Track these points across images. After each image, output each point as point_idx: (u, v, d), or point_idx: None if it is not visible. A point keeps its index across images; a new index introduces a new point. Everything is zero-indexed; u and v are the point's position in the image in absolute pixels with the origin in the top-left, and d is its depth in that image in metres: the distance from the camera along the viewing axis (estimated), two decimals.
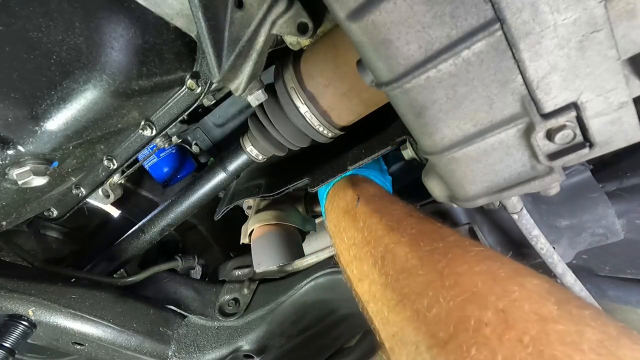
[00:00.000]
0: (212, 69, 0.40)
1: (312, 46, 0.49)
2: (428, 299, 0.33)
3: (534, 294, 0.29)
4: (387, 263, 0.39)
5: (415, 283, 0.35)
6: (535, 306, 0.28)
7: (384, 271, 0.39)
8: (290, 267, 0.76)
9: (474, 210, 0.70)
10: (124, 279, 0.74)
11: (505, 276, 0.32)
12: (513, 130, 0.33)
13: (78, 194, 0.64)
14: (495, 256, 0.35)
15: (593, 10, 0.27)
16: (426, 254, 0.37)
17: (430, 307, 0.32)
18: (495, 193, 0.38)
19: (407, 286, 0.35)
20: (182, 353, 0.72)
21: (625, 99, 0.30)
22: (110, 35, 0.40)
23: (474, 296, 0.31)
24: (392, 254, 0.39)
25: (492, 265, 0.33)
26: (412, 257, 0.37)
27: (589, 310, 0.28)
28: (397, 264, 0.38)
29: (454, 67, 0.31)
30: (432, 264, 0.35)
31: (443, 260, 0.35)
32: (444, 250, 0.36)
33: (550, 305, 0.28)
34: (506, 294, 0.30)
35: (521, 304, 0.29)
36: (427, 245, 0.37)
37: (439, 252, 0.36)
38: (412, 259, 0.37)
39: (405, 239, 0.39)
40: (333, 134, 0.56)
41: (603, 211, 0.64)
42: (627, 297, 0.75)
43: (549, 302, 0.29)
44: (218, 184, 0.68)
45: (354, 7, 0.30)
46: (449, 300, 0.31)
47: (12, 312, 0.60)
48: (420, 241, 0.38)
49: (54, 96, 0.42)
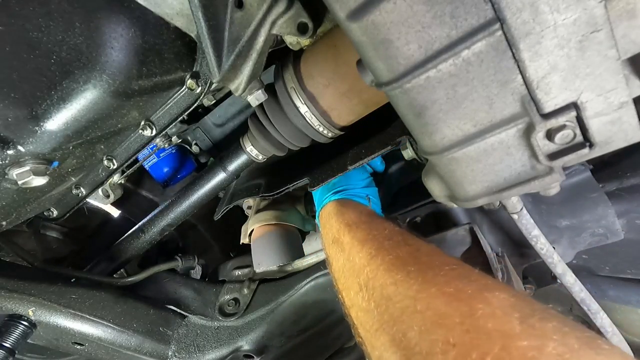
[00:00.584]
0: (212, 69, 0.40)
1: (312, 46, 0.49)
2: (403, 325, 0.35)
3: (498, 310, 0.31)
4: (369, 290, 0.42)
5: (393, 309, 0.37)
6: (499, 323, 0.30)
7: (366, 298, 0.42)
8: (290, 267, 0.76)
9: (474, 210, 0.70)
10: (124, 279, 0.74)
11: (471, 294, 0.33)
12: (513, 130, 0.33)
13: (78, 194, 0.64)
14: (465, 273, 0.37)
15: (593, 10, 0.27)
16: (401, 280, 0.39)
17: (404, 332, 0.34)
18: (495, 193, 0.38)
19: (386, 312, 0.38)
20: (182, 353, 0.72)
21: (625, 99, 0.30)
22: (110, 35, 0.40)
23: (442, 318, 0.32)
24: (372, 281, 0.42)
25: (459, 285, 0.35)
26: (389, 284, 0.39)
27: (553, 323, 0.29)
28: (377, 292, 0.40)
29: (454, 67, 0.31)
30: (406, 290, 0.37)
31: (415, 285, 0.37)
32: (416, 274, 0.38)
33: (514, 321, 0.30)
34: (471, 313, 0.31)
35: (485, 322, 0.30)
36: (402, 272, 0.40)
37: (412, 277, 0.38)
38: (389, 286, 0.39)
39: (383, 267, 0.42)
40: (333, 134, 0.56)
41: (603, 211, 0.64)
42: (627, 297, 0.75)
43: (512, 317, 0.30)
44: (218, 184, 0.68)
45: (354, 7, 0.30)
46: (421, 325, 0.33)
47: (12, 312, 0.60)
48: (395, 267, 0.41)
49: (54, 96, 0.42)
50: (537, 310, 0.31)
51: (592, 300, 0.60)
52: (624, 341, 0.65)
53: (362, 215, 0.53)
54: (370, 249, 0.45)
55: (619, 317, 0.77)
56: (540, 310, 0.31)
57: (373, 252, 0.45)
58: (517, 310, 0.30)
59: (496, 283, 0.35)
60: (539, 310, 0.31)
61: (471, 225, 0.60)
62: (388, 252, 0.43)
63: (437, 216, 0.73)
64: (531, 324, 0.29)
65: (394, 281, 0.39)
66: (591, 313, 0.61)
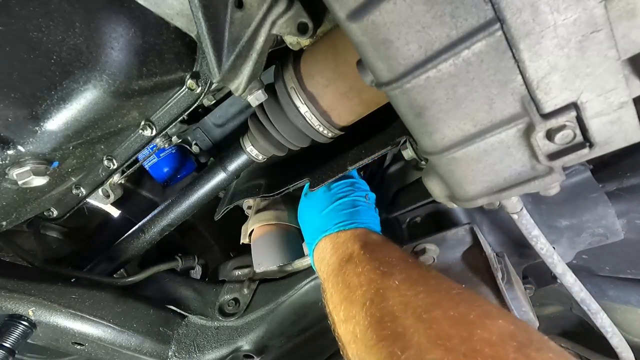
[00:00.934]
0: (212, 69, 0.40)
1: (312, 46, 0.49)
2: (403, 342, 0.35)
3: (495, 337, 0.32)
4: (375, 305, 0.42)
5: (395, 325, 0.38)
6: (495, 349, 0.31)
7: (369, 313, 0.42)
8: (290, 267, 0.76)
9: (474, 210, 0.70)
10: (124, 279, 0.74)
11: (473, 319, 0.34)
12: (513, 130, 0.33)
13: (78, 194, 0.64)
14: (470, 299, 0.38)
15: (593, 10, 0.27)
16: (410, 299, 0.40)
17: (404, 349, 0.35)
18: (495, 193, 0.38)
19: (388, 328, 0.38)
20: (182, 353, 0.72)
21: (625, 99, 0.30)
22: (110, 35, 0.40)
23: (442, 340, 0.33)
24: (381, 297, 0.42)
25: (464, 310, 0.36)
26: (398, 301, 0.40)
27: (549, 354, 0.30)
28: (384, 307, 0.41)
29: (454, 67, 0.31)
30: (412, 309, 0.38)
31: (422, 305, 0.38)
32: (425, 295, 0.39)
33: (509, 349, 0.31)
34: (470, 338, 0.32)
35: (482, 347, 0.31)
36: (411, 290, 0.40)
37: (420, 297, 0.39)
38: (397, 304, 0.40)
39: (394, 285, 0.42)
40: (333, 134, 0.56)
41: (603, 211, 0.64)
42: (627, 297, 0.75)
43: (509, 345, 0.31)
44: (218, 184, 0.68)
45: (354, 7, 0.30)
46: (421, 344, 0.34)
47: (12, 312, 0.60)
48: (406, 286, 0.41)
49: (54, 96, 0.42)
50: (535, 341, 0.32)
51: (592, 300, 0.60)
52: (624, 341, 0.65)
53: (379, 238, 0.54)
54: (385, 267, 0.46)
55: (619, 317, 0.77)
56: (539, 341, 0.32)
57: (387, 270, 0.45)
58: (515, 339, 0.32)
59: (500, 311, 0.36)
60: (537, 342, 0.32)
61: (471, 225, 0.60)
62: (401, 271, 0.44)
63: (437, 216, 0.73)
64: (526, 354, 0.30)
65: (403, 300, 0.40)
66: (591, 313, 0.61)
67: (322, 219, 0.59)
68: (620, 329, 0.64)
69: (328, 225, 0.57)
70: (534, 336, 0.33)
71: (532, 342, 0.31)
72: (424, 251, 0.59)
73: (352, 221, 0.56)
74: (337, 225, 0.56)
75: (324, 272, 0.55)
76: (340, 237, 0.55)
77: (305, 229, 0.64)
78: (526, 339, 0.32)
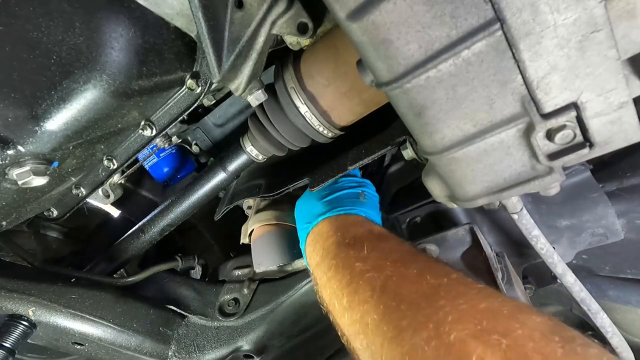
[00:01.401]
0: (212, 69, 0.40)
1: (312, 46, 0.49)
2: (428, 332, 0.32)
3: (537, 332, 0.30)
4: (387, 293, 0.38)
5: (416, 314, 0.35)
6: (539, 345, 0.28)
7: (382, 301, 0.38)
8: (290, 267, 0.76)
9: (474, 210, 0.70)
10: (124, 279, 0.74)
11: (507, 314, 0.32)
12: (513, 130, 0.33)
13: (78, 194, 0.64)
14: (497, 295, 0.35)
15: (593, 10, 0.27)
16: (430, 288, 0.37)
17: (429, 340, 0.32)
18: (495, 193, 0.38)
19: (406, 318, 0.35)
20: (182, 353, 0.72)
21: (625, 99, 0.30)
22: (111, 35, 0.40)
23: (477, 332, 0.30)
24: (395, 284, 0.39)
25: (494, 303, 0.33)
26: (417, 289, 0.37)
27: (594, 349, 0.28)
28: (399, 295, 0.37)
29: (454, 67, 0.31)
30: (435, 299, 0.35)
31: (446, 296, 0.35)
32: (448, 287, 0.36)
33: (554, 344, 0.28)
34: (509, 332, 0.30)
35: (524, 342, 0.29)
36: (433, 280, 0.37)
37: (443, 289, 0.36)
38: (416, 292, 0.37)
39: (411, 272, 0.40)
40: (333, 134, 0.56)
41: (603, 211, 0.64)
42: (627, 297, 0.75)
43: (553, 341, 0.29)
44: (218, 184, 0.68)
45: (354, 7, 0.30)
46: (450, 335, 0.31)
47: (12, 312, 0.60)
48: (426, 275, 0.38)
49: (54, 96, 0.42)
50: (577, 336, 0.30)
51: (592, 300, 0.60)
52: (624, 341, 0.65)
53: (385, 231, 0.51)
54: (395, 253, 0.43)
55: (619, 317, 0.77)
56: (580, 336, 0.30)
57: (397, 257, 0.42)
58: (557, 334, 0.29)
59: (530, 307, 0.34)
60: (578, 337, 0.30)
61: (471, 225, 0.60)
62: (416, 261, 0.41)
63: (437, 216, 0.73)
64: (573, 349, 0.28)
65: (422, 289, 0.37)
66: (591, 313, 0.61)
67: (322, 205, 0.56)
68: (620, 329, 0.64)
69: (327, 209, 0.54)
70: (574, 332, 0.30)
71: (575, 338, 0.29)
72: (424, 251, 0.59)
73: (356, 208, 0.53)
74: (338, 210, 0.53)
75: (317, 254, 0.51)
76: (341, 220, 0.52)
77: (300, 216, 0.61)
78: (569, 334, 0.30)
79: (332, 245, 0.49)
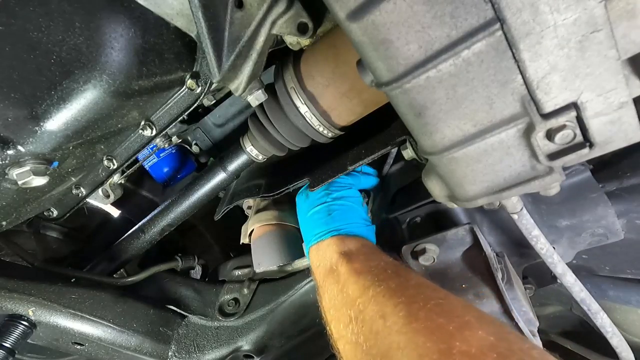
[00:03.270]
0: (212, 69, 0.40)
1: (312, 46, 0.49)
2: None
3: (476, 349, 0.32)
4: (359, 324, 0.42)
5: (381, 344, 0.38)
6: None
7: (355, 331, 0.42)
8: (290, 267, 0.76)
9: (474, 210, 0.70)
10: (124, 279, 0.74)
11: (452, 331, 0.34)
12: (513, 130, 0.33)
13: (78, 194, 0.64)
14: (450, 309, 0.38)
15: (593, 10, 0.27)
16: (389, 313, 0.39)
17: None
18: (495, 193, 0.38)
19: (375, 347, 0.38)
20: (182, 353, 0.72)
21: (625, 99, 0.30)
22: (111, 35, 0.40)
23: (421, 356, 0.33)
24: (363, 314, 0.42)
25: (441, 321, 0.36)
26: (378, 317, 0.40)
27: None
28: (366, 326, 0.41)
29: (454, 67, 0.31)
30: (392, 324, 0.38)
31: (401, 319, 0.38)
32: (403, 306, 0.39)
33: None
34: (449, 351, 0.32)
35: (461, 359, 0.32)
36: (390, 304, 0.40)
37: (398, 309, 0.39)
38: (378, 320, 0.40)
39: (374, 299, 0.42)
40: (333, 134, 0.56)
41: (603, 211, 0.64)
42: (627, 297, 0.75)
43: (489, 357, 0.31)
44: (218, 184, 0.68)
45: (354, 7, 0.30)
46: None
47: (12, 312, 0.60)
48: (385, 300, 0.41)
49: (54, 96, 0.42)
50: (516, 351, 0.32)
51: (592, 300, 0.60)
52: (624, 341, 0.65)
53: (361, 247, 0.53)
54: (364, 280, 0.45)
55: (619, 317, 0.77)
56: (520, 351, 0.32)
57: (367, 283, 0.45)
58: (495, 351, 0.31)
59: (480, 321, 0.36)
60: (518, 352, 0.31)
61: (471, 225, 0.60)
62: (379, 283, 0.44)
63: (437, 216, 0.72)
64: None
65: (382, 314, 0.40)
66: (591, 313, 0.61)
67: (305, 227, 0.61)
68: (620, 329, 0.64)
69: (310, 235, 0.59)
70: (515, 345, 0.32)
71: (513, 353, 0.31)
72: (424, 251, 0.59)
73: (327, 229, 0.56)
74: (316, 236, 0.57)
75: (316, 280, 0.56)
76: (321, 249, 0.56)
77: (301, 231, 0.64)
78: (506, 349, 0.32)
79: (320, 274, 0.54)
